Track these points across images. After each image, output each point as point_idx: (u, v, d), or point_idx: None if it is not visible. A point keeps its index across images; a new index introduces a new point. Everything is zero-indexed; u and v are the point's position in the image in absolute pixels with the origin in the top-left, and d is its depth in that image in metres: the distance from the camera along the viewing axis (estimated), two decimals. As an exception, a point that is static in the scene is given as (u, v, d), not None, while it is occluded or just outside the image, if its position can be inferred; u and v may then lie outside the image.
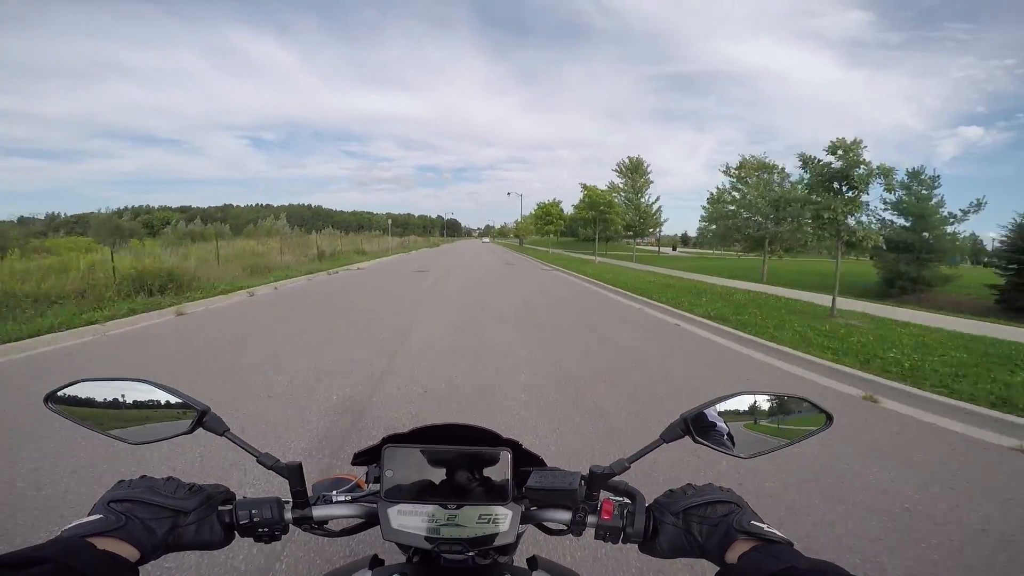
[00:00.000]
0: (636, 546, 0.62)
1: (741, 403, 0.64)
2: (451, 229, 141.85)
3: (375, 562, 0.65)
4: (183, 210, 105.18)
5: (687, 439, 0.62)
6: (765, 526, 0.55)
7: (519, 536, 0.64)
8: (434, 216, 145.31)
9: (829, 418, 0.64)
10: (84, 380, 0.61)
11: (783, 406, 0.66)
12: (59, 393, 0.60)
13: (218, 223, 76.59)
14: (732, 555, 0.53)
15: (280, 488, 0.63)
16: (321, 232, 40.62)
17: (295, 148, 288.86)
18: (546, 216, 37.49)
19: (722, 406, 0.63)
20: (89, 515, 0.51)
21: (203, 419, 0.62)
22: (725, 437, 0.63)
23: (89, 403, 0.61)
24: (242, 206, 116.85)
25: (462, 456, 0.62)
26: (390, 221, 64.18)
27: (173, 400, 0.62)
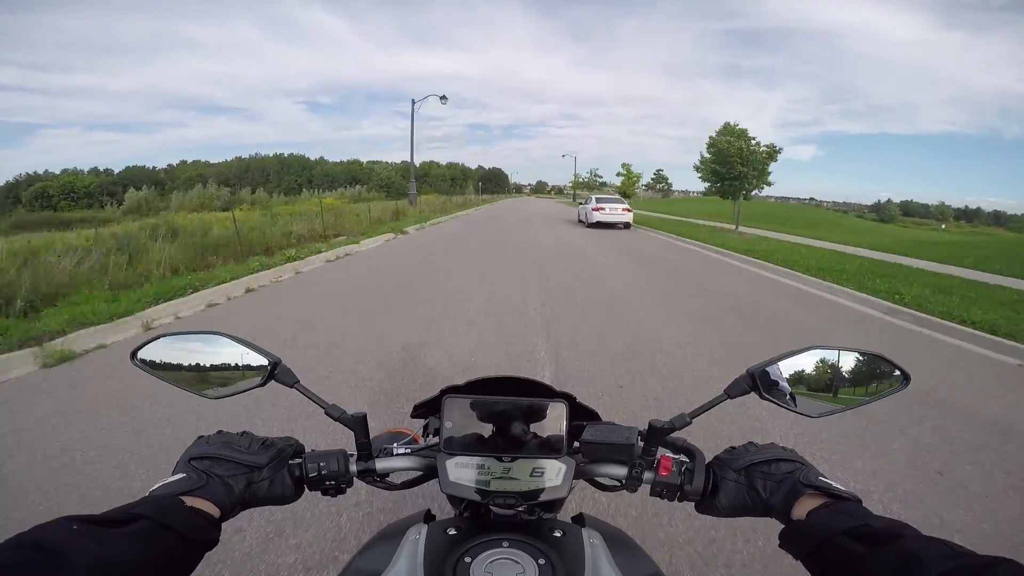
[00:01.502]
0: (693, 506, 0.62)
1: (811, 358, 0.63)
2: (494, 183, 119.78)
3: (428, 517, 0.68)
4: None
5: (753, 396, 0.62)
6: (833, 483, 0.54)
7: (570, 490, 0.66)
8: (473, 167, 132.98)
9: (906, 377, 0.63)
10: (163, 336, 0.66)
11: (856, 363, 0.64)
12: (142, 349, 0.64)
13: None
14: (800, 511, 0.53)
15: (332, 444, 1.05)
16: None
17: (351, 110, 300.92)
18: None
19: (791, 361, 0.62)
20: (173, 474, 0.55)
21: (274, 371, 0.65)
22: (798, 394, 0.62)
23: (168, 358, 0.65)
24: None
25: (518, 408, 0.62)
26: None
27: (246, 352, 0.65)
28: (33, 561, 0.35)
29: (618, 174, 45.03)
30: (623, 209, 18.23)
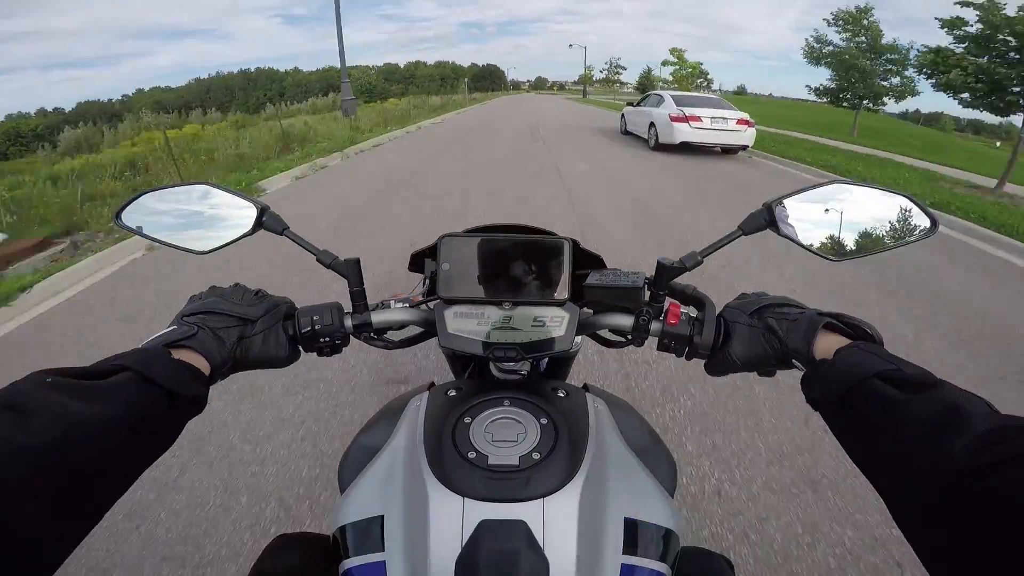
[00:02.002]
0: (703, 364, 0.59)
1: (833, 194, 0.59)
2: (489, 80, 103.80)
3: (431, 387, 0.67)
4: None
5: (770, 232, 0.58)
6: (854, 316, 0.50)
7: (574, 348, 0.68)
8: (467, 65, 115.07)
9: (934, 222, 0.58)
10: (146, 192, 0.63)
11: (881, 204, 0.59)
12: (126, 208, 0.62)
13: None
14: (823, 349, 0.48)
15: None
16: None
17: (328, 19, 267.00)
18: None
19: (811, 194, 0.58)
20: (166, 328, 0.52)
21: (262, 218, 0.62)
22: (820, 232, 0.58)
23: (153, 215, 0.63)
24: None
25: (519, 247, 0.58)
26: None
27: (232, 199, 0.63)
28: None
29: (665, 63, 35.70)
30: (737, 121, 9.18)
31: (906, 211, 0.58)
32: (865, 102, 16.78)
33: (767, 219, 0.57)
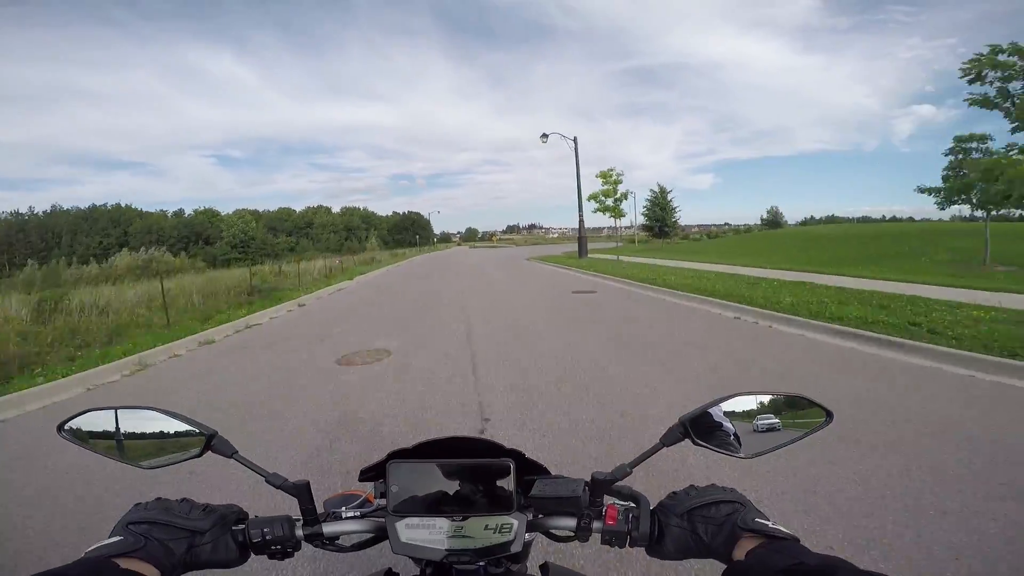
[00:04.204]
0: (644, 549, 0.66)
1: (738, 404, 0.68)
2: (411, 232, 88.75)
3: (390, 575, 0.73)
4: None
5: (687, 442, 0.67)
6: (770, 523, 0.58)
7: (528, 544, 0.73)
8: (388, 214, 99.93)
9: (829, 414, 0.69)
10: (92, 410, 0.68)
11: (781, 404, 0.70)
12: (69, 423, 0.67)
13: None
14: (739, 552, 0.57)
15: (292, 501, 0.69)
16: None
17: (264, 164, 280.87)
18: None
19: (720, 408, 0.68)
20: (109, 537, 0.56)
21: (211, 442, 0.68)
22: (732, 437, 0.68)
23: (98, 431, 0.67)
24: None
25: (466, 468, 0.66)
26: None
27: (180, 426, 0.68)
28: None
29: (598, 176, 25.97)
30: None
31: (803, 407, 0.71)
32: None
33: (683, 432, 0.67)
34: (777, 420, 0.69)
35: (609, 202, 24.79)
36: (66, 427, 0.67)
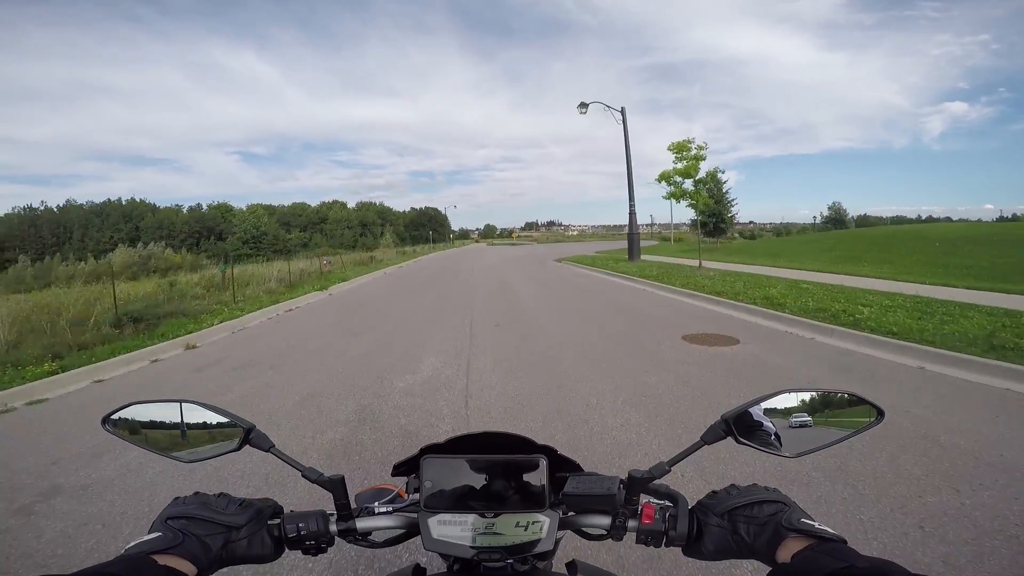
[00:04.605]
0: (679, 550, 0.65)
1: (784, 401, 0.67)
2: (429, 227, 79.81)
3: (417, 571, 0.73)
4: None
5: (730, 440, 0.65)
6: (816, 524, 0.56)
7: (557, 542, 0.70)
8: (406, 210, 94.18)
9: (880, 413, 0.66)
10: (135, 403, 0.69)
11: (829, 402, 0.68)
12: (113, 416, 0.68)
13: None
14: (784, 554, 0.55)
15: (325, 496, 0.69)
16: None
17: (286, 161, 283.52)
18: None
19: (764, 405, 0.66)
20: (149, 533, 0.57)
21: (249, 436, 0.68)
22: (772, 437, 0.66)
23: (141, 424, 0.69)
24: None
25: (498, 464, 0.65)
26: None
27: (219, 419, 0.69)
28: None
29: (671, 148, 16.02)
30: None
31: (853, 405, 0.67)
32: None
33: (725, 430, 0.65)
34: (824, 418, 0.67)
35: (688, 185, 15.70)
36: (110, 420, 0.68)
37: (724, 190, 35.10)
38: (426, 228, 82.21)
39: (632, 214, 18.71)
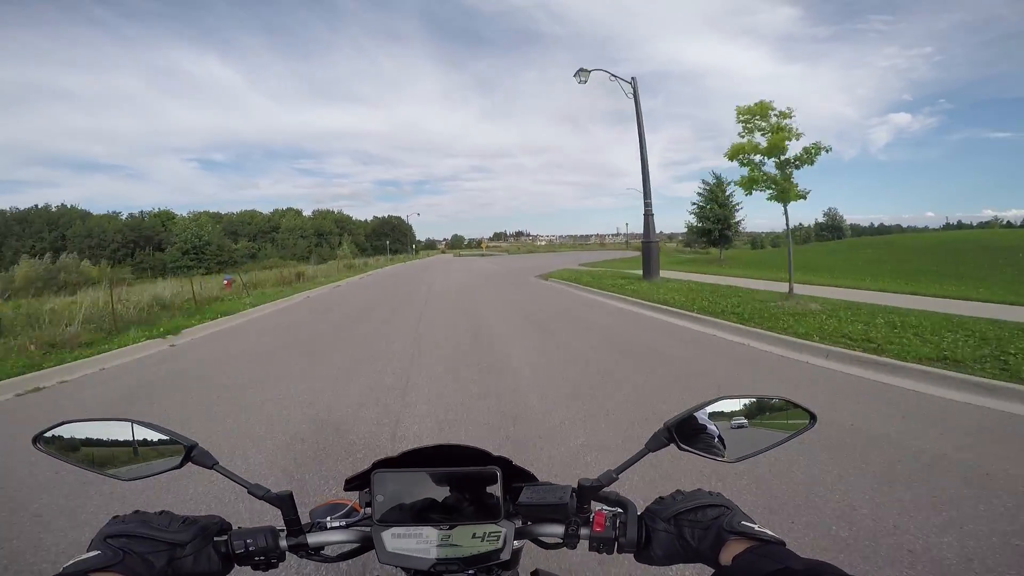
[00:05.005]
0: (632, 556, 0.65)
1: (723, 407, 0.68)
2: (391, 238, 72.04)
3: None
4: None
5: (672, 447, 0.67)
6: (756, 526, 0.58)
7: (517, 552, 0.72)
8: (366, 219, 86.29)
9: (812, 417, 0.69)
10: (69, 421, 0.66)
11: (765, 408, 0.70)
12: (46, 435, 0.65)
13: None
14: (726, 556, 0.56)
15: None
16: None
17: (247, 169, 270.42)
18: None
19: (704, 412, 0.68)
20: (88, 551, 0.55)
21: (191, 453, 0.66)
22: (714, 441, 0.68)
23: (76, 443, 0.66)
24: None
25: (453, 476, 0.64)
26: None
27: (160, 437, 0.67)
28: None
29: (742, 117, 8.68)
30: None
31: (787, 410, 0.70)
32: None
33: (667, 437, 0.67)
34: (759, 423, 0.69)
35: (770, 166, 8.36)
36: (42, 438, 0.65)
37: (727, 193, 29.89)
38: (389, 237, 75.57)
39: (648, 216, 13.58)
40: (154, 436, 0.66)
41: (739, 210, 31.21)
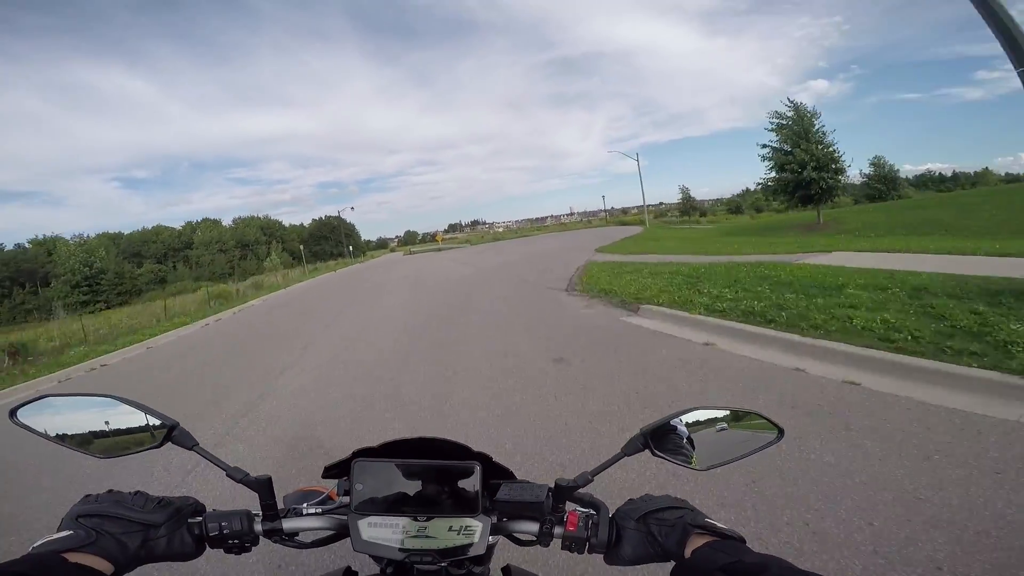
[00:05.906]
0: (602, 557, 0.66)
1: (698, 417, 0.69)
2: (332, 242, 66.21)
3: (348, 573, 0.71)
4: None
5: (647, 452, 0.68)
6: (718, 524, 0.60)
7: (491, 547, 0.71)
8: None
9: (780, 432, 0.69)
10: (49, 395, 0.64)
11: (736, 420, 0.71)
12: (22, 408, 0.63)
13: None
14: (688, 551, 0.58)
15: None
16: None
17: (176, 183, 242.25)
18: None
19: (678, 420, 0.68)
20: (59, 531, 0.54)
21: (172, 433, 0.65)
22: (686, 450, 0.69)
23: (54, 418, 0.64)
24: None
25: (432, 469, 0.64)
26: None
27: (141, 415, 0.66)
28: None
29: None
30: None
31: (757, 423, 0.71)
32: None
33: (643, 443, 0.67)
34: (730, 434, 0.70)
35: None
36: (19, 412, 0.63)
37: (816, 126, 20.21)
38: (329, 242, 66.84)
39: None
40: (136, 414, 0.65)
41: (838, 150, 20.58)
